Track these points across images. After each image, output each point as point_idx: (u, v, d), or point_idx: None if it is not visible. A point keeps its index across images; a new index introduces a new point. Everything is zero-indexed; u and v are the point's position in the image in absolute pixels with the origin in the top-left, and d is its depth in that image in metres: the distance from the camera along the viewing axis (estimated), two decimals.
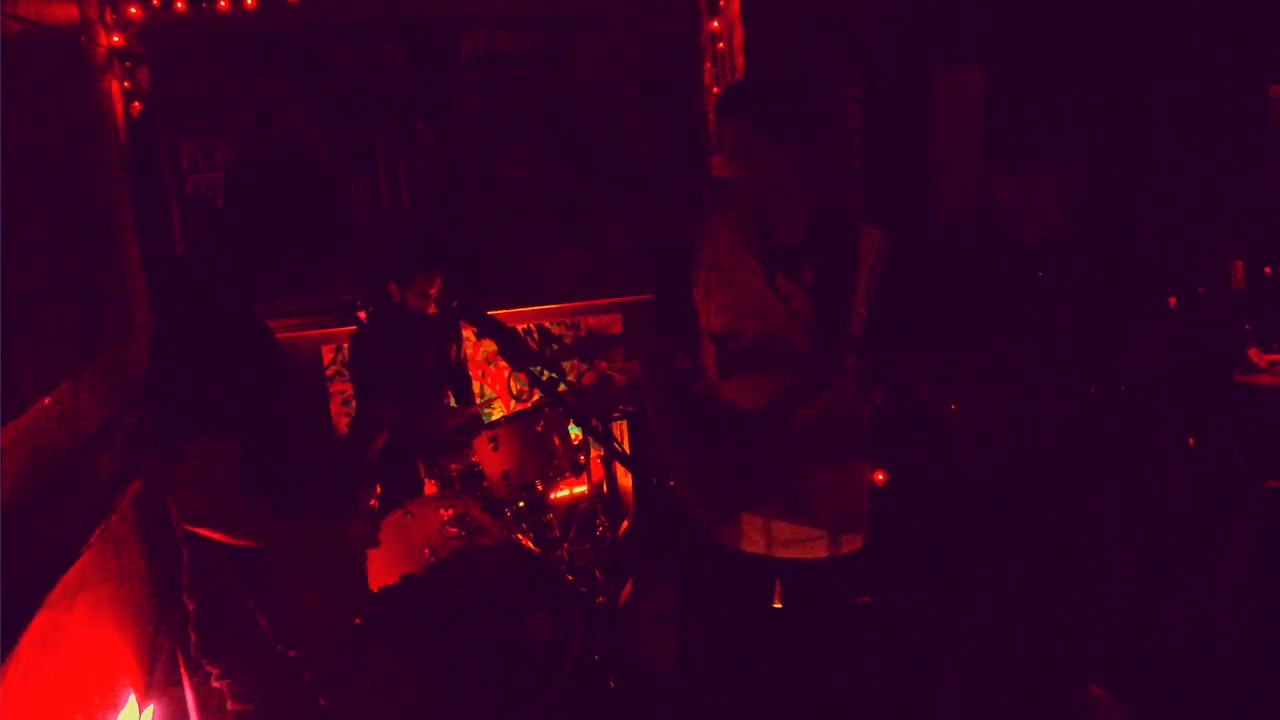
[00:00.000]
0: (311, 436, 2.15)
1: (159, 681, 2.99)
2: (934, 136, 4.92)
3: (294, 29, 4.11)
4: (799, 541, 2.16)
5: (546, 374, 2.01)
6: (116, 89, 3.80)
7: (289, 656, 1.88)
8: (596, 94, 4.54)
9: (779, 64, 4.47)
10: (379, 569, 2.81)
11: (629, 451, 4.03)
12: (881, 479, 3.23)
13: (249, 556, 1.82)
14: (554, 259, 4.64)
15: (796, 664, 2.30)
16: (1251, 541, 3.12)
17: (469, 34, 4.35)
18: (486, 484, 3.56)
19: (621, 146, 4.61)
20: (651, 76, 4.57)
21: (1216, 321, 3.71)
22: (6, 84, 2.45)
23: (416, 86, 4.32)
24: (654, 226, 4.69)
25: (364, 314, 3.78)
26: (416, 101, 4.33)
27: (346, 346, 4.03)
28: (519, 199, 4.53)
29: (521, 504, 3.71)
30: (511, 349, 1.97)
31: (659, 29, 4.54)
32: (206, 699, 2.49)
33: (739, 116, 2.01)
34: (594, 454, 4.19)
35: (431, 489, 3.70)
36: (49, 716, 2.16)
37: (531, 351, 2.08)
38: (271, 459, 1.83)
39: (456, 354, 4.17)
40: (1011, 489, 3.54)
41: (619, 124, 4.59)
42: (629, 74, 4.55)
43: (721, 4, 4.55)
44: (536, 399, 4.40)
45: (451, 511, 3.20)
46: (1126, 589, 3.16)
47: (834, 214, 2.12)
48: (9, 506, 2.13)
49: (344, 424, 4.46)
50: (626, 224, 4.68)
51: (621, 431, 4.11)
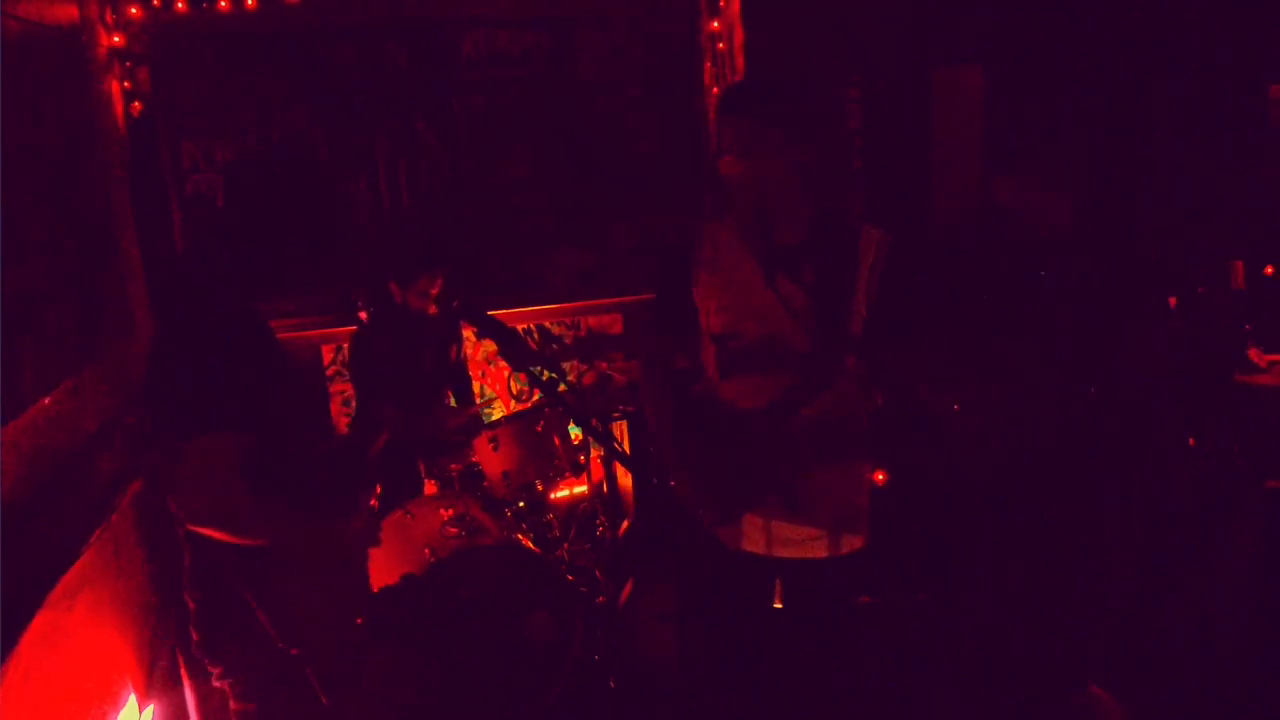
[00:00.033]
0: (311, 436, 2.15)
1: (159, 681, 2.99)
2: (934, 136, 4.92)
3: (294, 29, 4.11)
4: (799, 541, 2.16)
5: (546, 374, 2.02)
6: (116, 89, 3.81)
7: (290, 655, 1.88)
8: (598, 94, 4.54)
9: (779, 64, 4.48)
10: (379, 569, 2.81)
11: (629, 451, 4.03)
12: (881, 479, 3.23)
13: (250, 555, 1.82)
14: (555, 259, 4.64)
15: (796, 664, 2.30)
16: (1251, 541, 3.12)
17: (470, 34, 4.35)
18: (486, 484, 3.56)
19: (623, 146, 4.61)
20: (652, 76, 4.58)
21: (1216, 321, 3.70)
22: (6, 84, 2.46)
23: (418, 86, 4.32)
24: (655, 226, 4.70)
25: (365, 314, 3.78)
26: (418, 101, 4.33)
27: (347, 346, 4.03)
28: (520, 199, 4.53)
29: (521, 504, 3.71)
30: (511, 349, 1.98)
31: (660, 29, 4.54)
32: (207, 699, 2.50)
33: (739, 116, 2.01)
34: (594, 454, 4.19)
35: (431, 489, 3.70)
36: (49, 716, 2.16)
37: (531, 351, 2.08)
38: (272, 459, 1.83)
39: (456, 354, 4.17)
40: (1011, 489, 3.55)
41: (620, 124, 4.59)
42: (630, 74, 4.55)
43: (721, 4, 4.56)
44: (536, 399, 4.40)
45: (451, 511, 3.20)
46: (1126, 589, 3.16)
47: (834, 214, 2.12)
48: (9, 506, 2.13)
49: (344, 424, 4.46)
50: (627, 224, 4.69)
51: (621, 431, 4.11)
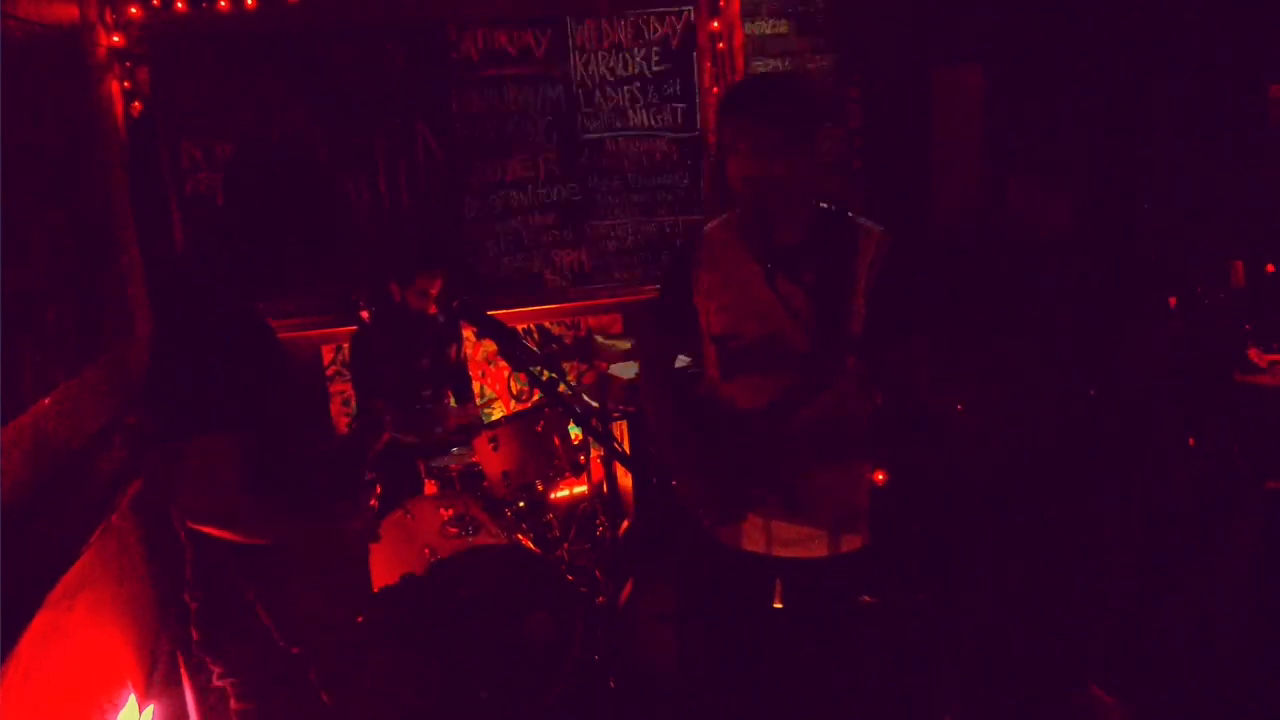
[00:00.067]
0: (311, 436, 2.15)
1: (159, 681, 2.99)
2: (934, 136, 4.92)
3: (294, 29, 4.11)
4: (799, 541, 2.15)
5: (546, 374, 2.02)
6: (116, 89, 3.81)
7: (291, 654, 1.88)
8: (596, 93, 4.54)
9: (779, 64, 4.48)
10: (379, 569, 2.82)
11: (629, 451, 4.03)
12: (881, 479, 3.23)
13: (251, 554, 1.82)
14: (555, 259, 4.64)
15: (796, 664, 2.29)
16: (1251, 541, 3.12)
17: (469, 33, 4.35)
18: (486, 484, 3.57)
19: (622, 146, 4.61)
20: (652, 76, 4.58)
21: (1216, 321, 3.70)
22: (6, 84, 2.46)
23: (416, 86, 4.32)
24: (655, 226, 4.70)
25: (367, 314, 3.78)
26: (416, 101, 4.33)
27: (347, 346, 4.03)
28: (519, 199, 4.54)
29: (521, 504, 3.72)
30: (511, 349, 1.98)
31: (659, 29, 4.55)
32: (207, 698, 2.49)
33: (739, 116, 2.01)
34: (594, 454, 4.19)
35: (431, 489, 3.70)
36: (49, 716, 2.16)
37: (531, 351, 2.08)
38: (272, 459, 1.83)
39: (456, 354, 4.17)
40: (1011, 489, 3.55)
41: (619, 123, 4.59)
42: (629, 73, 4.56)
43: (721, 4, 4.56)
44: (536, 399, 4.40)
45: (451, 511, 3.20)
46: (1126, 589, 3.16)
47: (834, 214, 2.11)
48: (9, 506, 2.13)
49: (344, 424, 4.46)
50: (627, 224, 4.69)
51: (621, 431, 4.11)
